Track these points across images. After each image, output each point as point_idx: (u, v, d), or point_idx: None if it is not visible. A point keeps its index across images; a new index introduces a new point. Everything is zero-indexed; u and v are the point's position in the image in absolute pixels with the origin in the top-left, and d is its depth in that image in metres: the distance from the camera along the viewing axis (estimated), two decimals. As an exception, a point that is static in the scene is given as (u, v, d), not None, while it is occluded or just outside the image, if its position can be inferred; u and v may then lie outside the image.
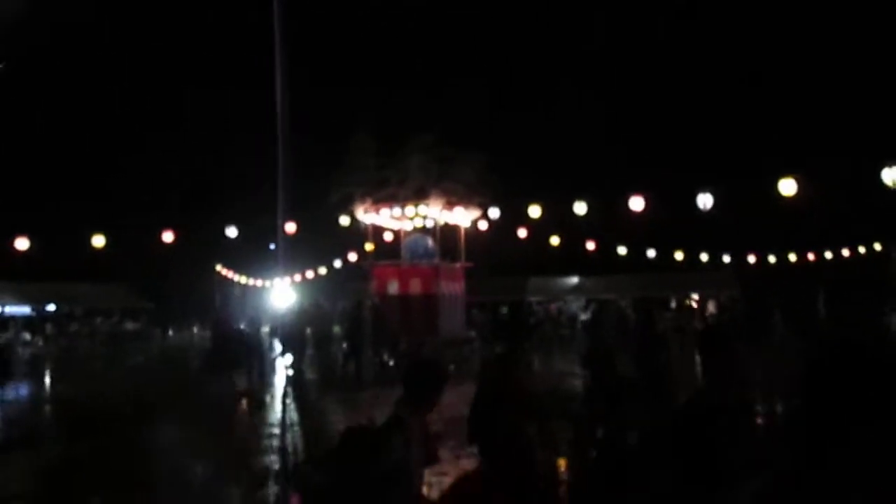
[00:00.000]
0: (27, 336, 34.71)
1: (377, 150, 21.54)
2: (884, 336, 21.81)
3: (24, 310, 36.20)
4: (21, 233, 19.45)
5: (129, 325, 40.07)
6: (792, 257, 34.47)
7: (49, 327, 36.38)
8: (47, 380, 21.88)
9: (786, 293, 33.94)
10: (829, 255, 34.83)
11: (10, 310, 35.37)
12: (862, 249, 34.49)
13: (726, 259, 34.44)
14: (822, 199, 17.43)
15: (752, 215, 27.82)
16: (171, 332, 41.74)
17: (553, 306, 41.60)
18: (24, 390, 18.68)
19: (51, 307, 37.40)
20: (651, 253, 31.90)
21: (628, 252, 30.48)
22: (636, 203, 15.81)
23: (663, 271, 36.55)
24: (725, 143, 37.79)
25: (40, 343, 34.13)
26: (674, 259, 32.70)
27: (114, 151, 42.15)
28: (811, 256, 34.69)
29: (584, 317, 39.92)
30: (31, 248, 19.36)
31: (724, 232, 31.51)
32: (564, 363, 20.21)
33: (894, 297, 29.75)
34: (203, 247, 32.26)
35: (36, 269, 32.66)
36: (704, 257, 33.64)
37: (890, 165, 12.20)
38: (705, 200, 14.62)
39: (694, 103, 42.24)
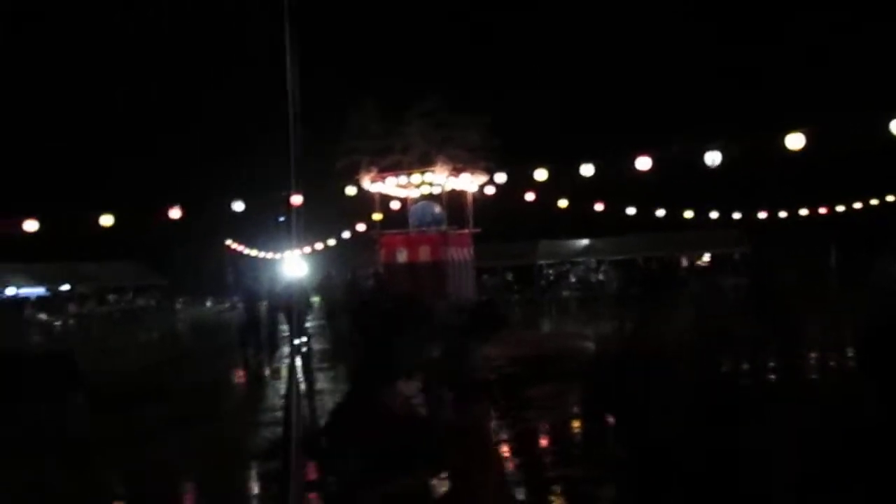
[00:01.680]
0: (43, 316, 35.05)
1: (381, 118, 21.43)
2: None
3: (39, 290, 36.45)
4: (29, 215, 19.48)
5: (142, 302, 40.33)
6: (803, 212, 34.17)
7: (72, 307, 36.66)
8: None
9: (798, 249, 33.79)
10: (840, 208, 34.50)
11: (25, 291, 35.63)
12: (874, 202, 34.14)
13: (736, 216, 34.19)
14: (832, 152, 17.19)
15: (761, 171, 27.59)
16: (180, 306, 42.03)
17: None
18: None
19: (65, 287, 37.62)
20: (660, 212, 31.68)
21: (637, 212, 30.27)
22: (643, 163, 15.63)
23: (672, 230, 36.36)
24: (731, 99, 37.29)
25: (57, 323, 34.44)
26: (683, 218, 32.50)
27: (118, 132, 42.09)
28: (823, 210, 34.36)
29: (599, 277, 39.96)
30: (40, 230, 19.40)
31: (733, 189, 31.26)
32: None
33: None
34: (211, 222, 32.32)
35: (47, 251, 32.90)
36: (714, 215, 33.41)
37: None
38: (713, 158, 14.44)
39: (699, 58, 41.67)
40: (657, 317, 4.19)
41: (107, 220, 20.21)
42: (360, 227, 28.70)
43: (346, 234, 31.51)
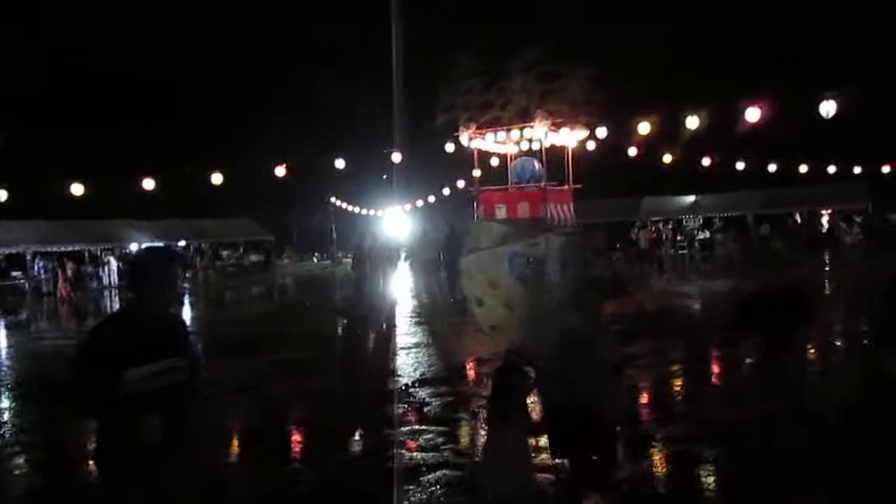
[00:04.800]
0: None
1: (480, 73, 21.26)
2: None
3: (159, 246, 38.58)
4: (147, 174, 20.62)
5: (253, 257, 42.07)
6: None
7: (199, 260, 38.75)
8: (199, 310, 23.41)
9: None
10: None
11: (146, 246, 37.82)
12: None
13: (857, 170, 32.20)
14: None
15: (884, 120, 25.79)
16: (287, 261, 43.60)
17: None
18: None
19: (181, 242, 39.70)
20: (772, 167, 30.20)
21: (747, 166, 28.97)
22: (752, 114, 14.89)
23: (787, 185, 34.57)
24: (845, 45, 34.65)
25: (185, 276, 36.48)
26: (798, 172, 30.88)
27: (229, 94, 43.53)
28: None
29: (701, 236, 38.77)
30: (156, 188, 20.51)
31: (853, 140, 29.37)
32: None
33: None
34: (316, 179, 33.21)
35: (163, 208, 34.73)
36: (832, 169, 31.59)
37: None
38: (828, 108, 13.58)
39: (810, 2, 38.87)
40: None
41: (217, 179, 21.15)
42: (460, 184, 28.81)
43: (446, 192, 31.72)
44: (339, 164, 22.47)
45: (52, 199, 21.31)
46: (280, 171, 21.53)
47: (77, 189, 19.86)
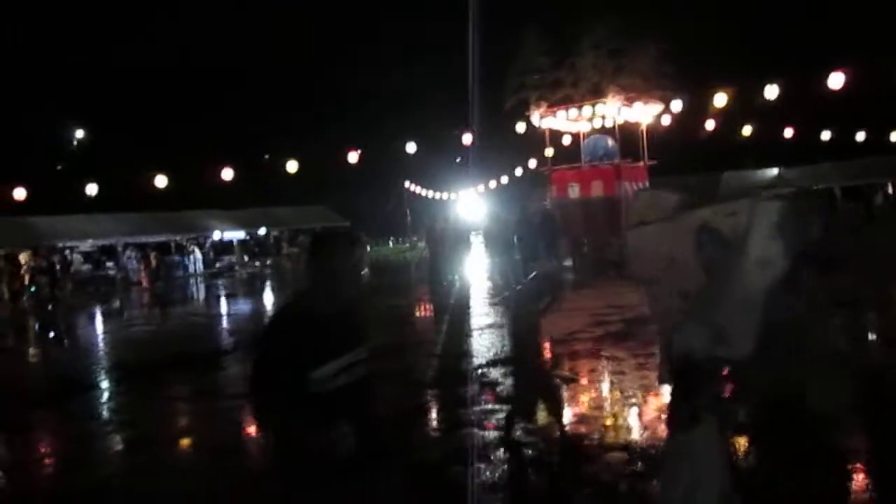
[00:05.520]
0: (245, 258, 38.40)
1: (549, 50, 21.01)
2: None
3: (240, 234, 39.81)
4: (225, 164, 21.23)
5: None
6: None
7: (285, 246, 39.86)
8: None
9: None
10: None
11: (228, 235, 39.03)
12: None
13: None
14: None
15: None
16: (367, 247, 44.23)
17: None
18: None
19: (261, 230, 40.75)
20: (860, 136, 28.86)
21: (833, 136, 27.75)
22: (835, 80, 14.23)
23: (876, 155, 33.00)
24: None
25: (257, 264, 37.53)
26: (889, 141, 29.43)
27: (298, 83, 44.30)
28: None
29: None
30: (234, 178, 21.11)
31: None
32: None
33: None
34: (388, 163, 33.54)
35: (241, 197, 35.71)
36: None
37: None
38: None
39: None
40: None
41: (292, 167, 21.61)
42: (532, 164, 28.60)
43: (518, 172, 31.54)
44: (411, 148, 22.61)
45: (139, 191, 22.20)
46: (353, 157, 21.83)
47: (161, 181, 20.62)
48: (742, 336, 2.97)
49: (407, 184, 43.77)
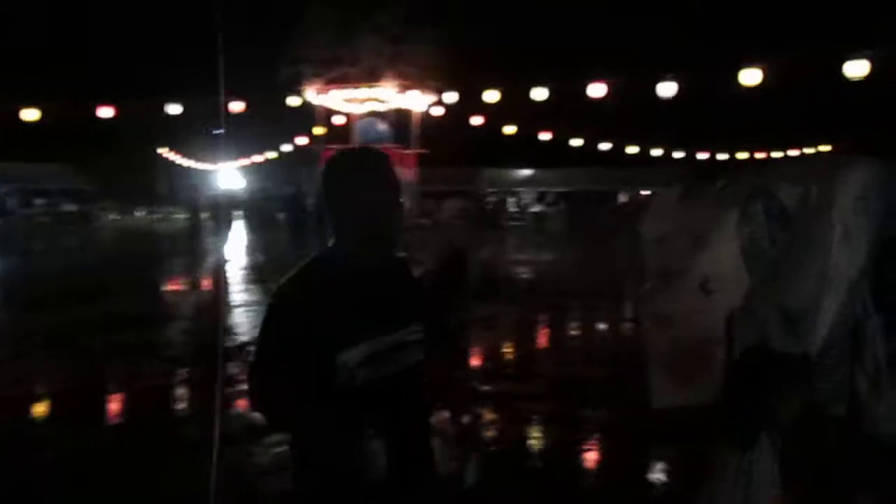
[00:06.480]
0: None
1: (330, 26, 20.59)
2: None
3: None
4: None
5: (69, 207, 38.64)
6: (741, 156, 34.89)
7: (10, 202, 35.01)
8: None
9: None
10: (776, 154, 35.32)
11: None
12: (809, 150, 34.99)
13: (678, 155, 34.62)
14: (782, 93, 17.28)
15: (710, 108, 27.76)
16: (110, 214, 40.59)
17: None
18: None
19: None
20: (604, 146, 31.81)
21: (583, 144, 30.29)
22: (596, 90, 15.41)
23: (615, 165, 36.71)
24: (689, 31, 37.04)
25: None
26: (625, 153, 32.77)
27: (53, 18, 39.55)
28: (760, 155, 35.16)
29: (536, 209, 40.26)
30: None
31: (679, 127, 31.44)
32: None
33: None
34: (145, 126, 30.95)
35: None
36: (657, 152, 33.73)
37: (854, 58, 12.00)
38: (668, 89, 14.29)
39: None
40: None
41: (31, 115, 19.09)
42: (302, 141, 28.00)
43: (288, 148, 30.72)
44: (174, 109, 20.96)
45: None
46: (106, 111, 19.77)
47: None
48: (815, 328, 2.36)
49: (164, 150, 40.84)
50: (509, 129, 26.32)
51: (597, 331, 10.17)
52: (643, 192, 40.08)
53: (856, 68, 12.40)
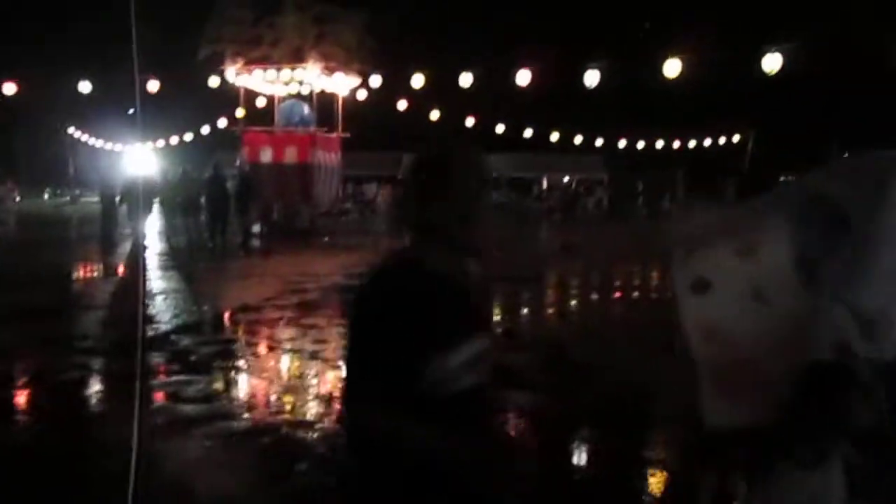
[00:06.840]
0: None
1: (251, 4, 19.92)
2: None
3: None
4: None
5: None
6: (659, 144, 35.83)
7: None
8: None
9: (649, 178, 35.53)
10: (692, 143, 36.47)
11: None
12: (722, 140, 36.28)
13: (599, 143, 35.26)
14: (699, 84, 17.73)
15: (629, 98, 28.31)
16: (16, 196, 38.46)
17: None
18: None
19: None
20: (528, 133, 32.07)
21: (506, 130, 30.45)
22: (523, 77, 15.45)
23: (539, 152, 37.08)
24: (616, 22, 37.47)
25: None
26: (549, 140, 33.13)
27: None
28: (676, 144, 36.24)
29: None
30: None
31: (600, 115, 31.91)
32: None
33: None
34: (54, 104, 29.46)
35: None
36: (578, 139, 34.23)
37: (771, 51, 12.40)
38: (592, 79, 14.45)
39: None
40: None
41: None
42: (222, 122, 27.20)
43: (206, 129, 29.78)
44: (85, 87, 19.97)
45: None
46: (9, 87, 18.68)
47: None
48: (893, 328, 2.06)
49: (72, 129, 38.96)
50: (434, 115, 26.23)
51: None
52: (566, 179, 40.86)
53: (770, 62, 12.83)
